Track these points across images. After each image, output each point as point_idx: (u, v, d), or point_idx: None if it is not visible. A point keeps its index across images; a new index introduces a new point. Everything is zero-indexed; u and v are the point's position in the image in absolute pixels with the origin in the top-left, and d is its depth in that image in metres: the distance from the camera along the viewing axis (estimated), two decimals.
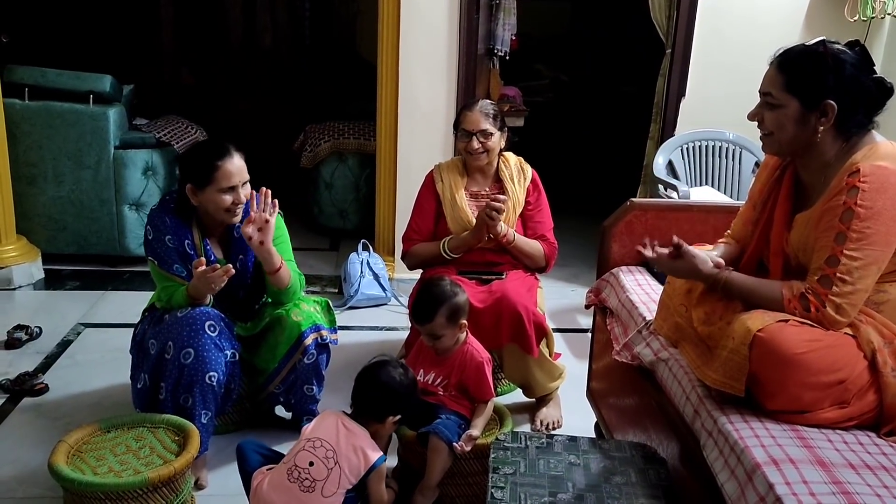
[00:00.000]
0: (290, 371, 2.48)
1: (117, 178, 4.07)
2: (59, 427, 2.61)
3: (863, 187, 1.60)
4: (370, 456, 2.00)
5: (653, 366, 2.03)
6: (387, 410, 2.08)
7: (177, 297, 2.38)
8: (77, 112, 3.98)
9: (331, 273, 4.28)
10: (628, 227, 2.50)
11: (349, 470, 1.97)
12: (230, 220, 2.40)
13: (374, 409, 2.09)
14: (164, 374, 2.29)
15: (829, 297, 1.61)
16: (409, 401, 2.13)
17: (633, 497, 1.73)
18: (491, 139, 2.79)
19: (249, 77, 6.58)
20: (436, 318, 2.27)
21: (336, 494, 1.96)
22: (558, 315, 3.80)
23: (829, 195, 1.67)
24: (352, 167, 4.80)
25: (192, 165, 2.38)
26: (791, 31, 3.90)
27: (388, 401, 2.08)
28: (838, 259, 1.61)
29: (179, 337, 2.27)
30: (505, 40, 4.36)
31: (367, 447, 2.01)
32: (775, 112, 1.72)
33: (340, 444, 2.00)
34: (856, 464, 1.48)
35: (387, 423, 2.09)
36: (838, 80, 1.65)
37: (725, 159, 3.87)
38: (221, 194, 2.34)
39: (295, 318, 2.45)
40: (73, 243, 4.16)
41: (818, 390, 1.58)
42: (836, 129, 1.69)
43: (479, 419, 2.28)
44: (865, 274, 1.61)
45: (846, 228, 1.60)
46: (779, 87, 1.70)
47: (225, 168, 2.33)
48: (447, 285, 2.34)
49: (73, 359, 3.16)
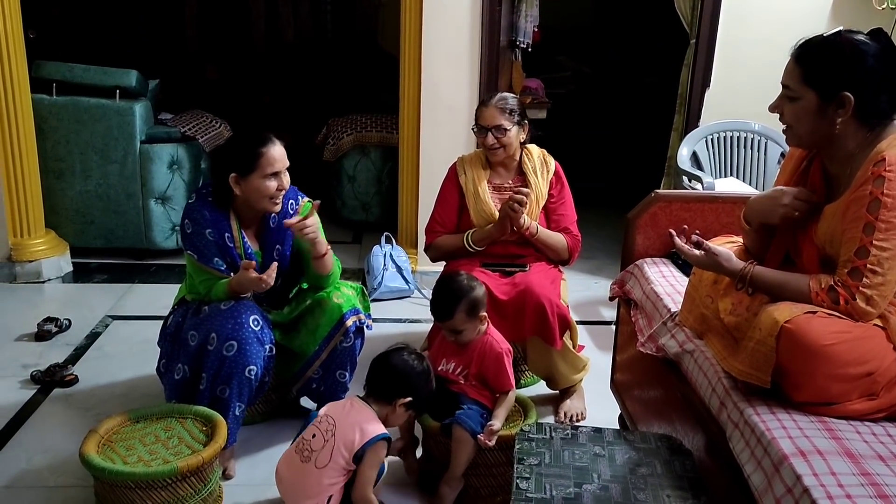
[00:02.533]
0: (329, 354, 2.50)
1: (143, 172, 4.11)
2: (88, 417, 2.65)
3: (889, 176, 1.58)
4: (367, 431, 2.02)
5: (678, 357, 2.02)
6: (395, 392, 2.10)
7: (217, 291, 2.40)
8: (104, 107, 4.02)
9: (354, 266, 4.30)
10: (653, 218, 2.49)
11: (344, 444, 2.00)
12: (272, 207, 2.42)
13: (383, 390, 2.12)
14: (206, 364, 2.32)
15: (861, 288, 1.59)
16: (419, 386, 2.14)
17: (659, 488, 1.73)
18: (506, 135, 2.79)
19: (272, 71, 6.62)
20: (456, 315, 2.28)
21: (327, 467, 1.99)
22: (582, 307, 3.79)
23: (855, 185, 1.65)
24: (374, 160, 4.81)
25: (235, 154, 2.40)
26: (817, 20, 3.84)
27: (397, 383, 2.11)
28: (868, 250, 1.59)
29: (223, 329, 2.30)
30: (527, 32, 4.34)
31: (367, 424, 2.04)
32: (794, 105, 1.71)
33: (342, 419, 2.05)
34: (885, 455, 1.46)
35: (395, 406, 2.11)
36: (857, 70, 1.63)
37: (751, 150, 3.83)
38: (266, 181, 2.35)
39: (336, 301, 2.49)
40: (101, 237, 4.22)
41: (846, 382, 1.57)
42: (857, 119, 1.67)
43: (500, 410, 2.29)
44: (895, 265, 1.59)
45: (874, 219, 1.59)
46: (797, 80, 1.69)
47: (269, 154, 2.35)
48: (464, 280, 2.35)
49: (101, 350, 3.21)
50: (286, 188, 2.41)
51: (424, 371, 2.17)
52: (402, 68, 3.99)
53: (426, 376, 2.18)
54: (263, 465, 2.42)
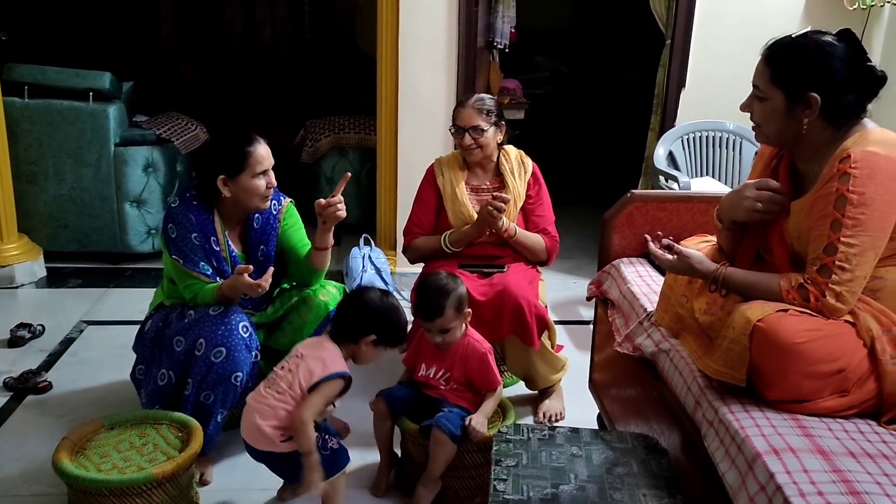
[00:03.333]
0: None
1: (118, 175, 4.07)
2: (62, 424, 2.62)
3: (854, 173, 1.60)
4: (328, 367, 2.03)
5: (654, 357, 2.03)
6: (360, 330, 2.10)
7: (203, 295, 2.36)
8: (77, 110, 3.98)
9: (333, 268, 4.26)
10: (629, 218, 2.50)
11: (304, 375, 2.02)
12: (263, 205, 2.41)
13: (347, 329, 2.12)
14: (192, 370, 2.29)
15: (830, 285, 1.61)
16: (383, 323, 2.12)
17: (635, 488, 1.74)
18: (483, 135, 2.79)
19: (250, 72, 6.58)
20: (446, 312, 2.26)
21: (286, 394, 2.01)
22: (560, 307, 3.80)
23: (821, 182, 1.67)
24: (353, 161, 4.79)
25: (221, 156, 2.38)
26: (790, 20, 3.88)
27: (360, 321, 2.11)
28: (836, 247, 1.61)
29: (213, 335, 2.27)
30: (504, 33, 4.35)
31: (331, 361, 2.05)
32: (763, 104, 1.74)
33: (309, 354, 2.07)
34: (856, 452, 1.48)
35: (361, 344, 2.10)
36: (823, 71, 1.65)
37: (726, 150, 3.86)
38: (255, 179, 2.35)
39: (322, 298, 2.51)
40: (75, 241, 4.17)
41: (818, 379, 1.58)
42: (824, 119, 1.69)
43: (488, 403, 2.29)
44: (863, 261, 1.61)
45: (841, 216, 1.60)
46: (765, 80, 1.72)
47: (256, 153, 2.34)
48: (445, 278, 2.34)
49: (76, 356, 3.17)
50: (274, 185, 2.41)
51: (388, 307, 2.15)
52: (380, 69, 3.98)
53: (390, 312, 2.15)
54: (241, 471, 2.41)
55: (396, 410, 2.34)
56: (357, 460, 2.52)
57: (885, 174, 1.60)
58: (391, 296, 2.21)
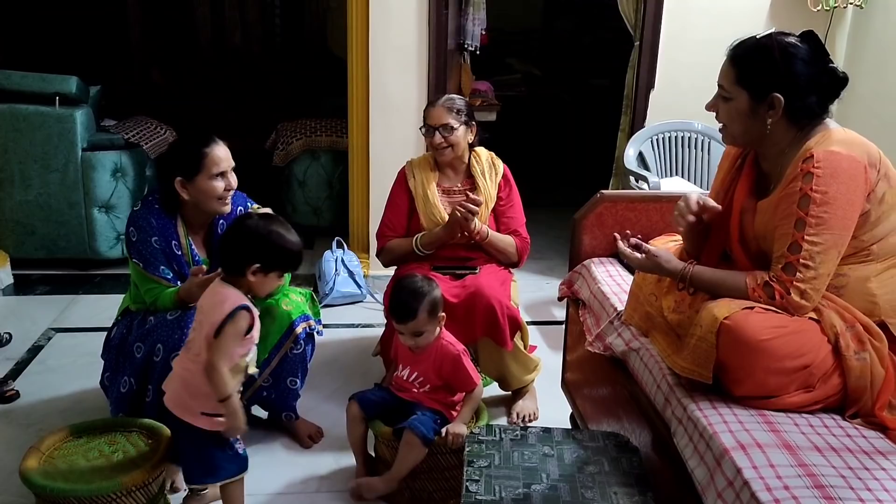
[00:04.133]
0: (279, 361, 2.47)
1: (86, 180, 4.02)
2: (30, 433, 2.58)
3: (817, 173, 1.62)
4: (226, 307, 1.95)
5: (624, 356, 2.05)
6: (243, 260, 1.99)
7: (163, 300, 2.36)
8: (43, 114, 3.92)
9: (305, 271, 4.26)
10: (599, 218, 2.52)
11: (210, 325, 1.96)
12: (222, 208, 2.38)
13: (232, 262, 2.03)
14: (152, 376, 2.27)
15: (794, 283, 1.64)
16: (265, 247, 2.01)
17: (606, 486, 1.75)
18: (454, 133, 2.79)
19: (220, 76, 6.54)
20: (419, 315, 2.25)
21: (200, 353, 1.96)
22: (534, 308, 3.82)
23: (785, 182, 1.70)
24: (325, 164, 4.77)
25: (178, 158, 2.36)
26: (756, 21, 3.93)
27: (242, 250, 2.01)
28: (800, 245, 1.63)
29: (170, 339, 2.25)
30: (475, 35, 4.36)
31: (227, 300, 1.97)
32: (728, 104, 1.76)
33: (206, 303, 2.01)
34: (821, 446, 1.50)
35: (248, 275, 1.99)
36: (786, 73, 1.68)
37: (695, 150, 3.90)
38: (212, 181, 2.32)
39: (285, 308, 2.47)
40: (43, 248, 4.11)
41: (784, 375, 1.61)
42: (787, 119, 1.72)
43: (465, 409, 2.30)
44: (827, 258, 1.64)
45: (805, 214, 1.63)
46: (730, 81, 1.75)
47: (213, 154, 2.32)
48: (420, 281, 2.34)
49: (44, 364, 3.12)
50: (234, 187, 2.38)
51: (266, 230, 2.02)
52: (350, 72, 3.97)
53: (269, 235, 2.02)
54: None
55: (370, 413, 2.34)
56: (331, 464, 2.51)
57: (846, 173, 1.62)
58: (275, 219, 2.09)
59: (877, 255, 1.71)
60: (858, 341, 1.63)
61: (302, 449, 2.59)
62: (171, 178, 2.33)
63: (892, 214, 1.70)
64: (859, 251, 1.70)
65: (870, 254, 1.70)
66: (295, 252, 2.07)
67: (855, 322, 1.65)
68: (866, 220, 1.67)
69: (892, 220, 1.70)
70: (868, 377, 1.61)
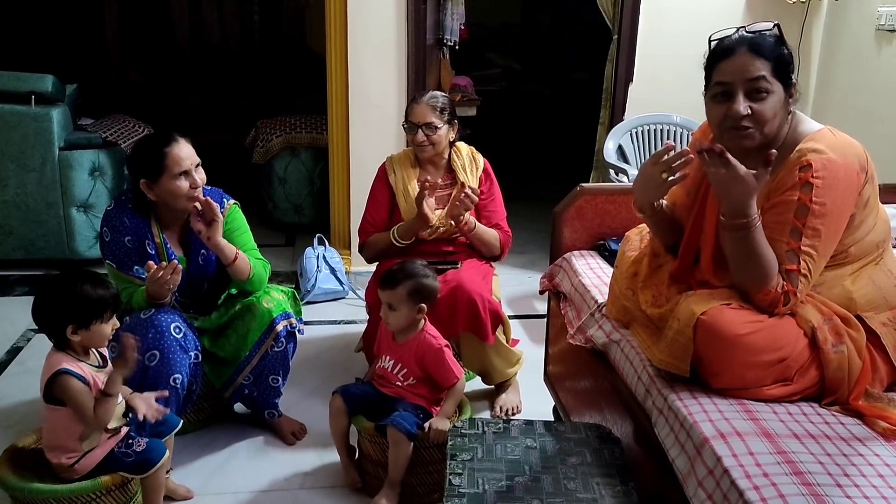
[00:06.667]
0: (260, 359, 2.46)
1: (63, 179, 3.98)
2: (10, 435, 2.54)
3: (817, 184, 1.61)
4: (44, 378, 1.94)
5: (605, 347, 2.06)
6: (58, 328, 1.95)
7: (137, 299, 2.34)
8: (19, 114, 3.88)
9: (287, 269, 4.25)
10: (578, 212, 2.53)
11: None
12: (191, 206, 2.35)
13: (51, 334, 1.98)
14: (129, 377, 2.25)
15: (796, 293, 1.64)
16: (64, 308, 1.92)
17: (589, 477, 1.76)
18: (436, 132, 2.79)
19: (198, 73, 6.49)
20: (398, 288, 2.26)
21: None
22: (516, 301, 3.83)
23: (779, 188, 1.67)
24: (305, 161, 4.76)
25: (140, 159, 2.34)
26: (732, 14, 3.96)
27: (50, 321, 1.96)
28: (797, 255, 1.63)
29: (145, 339, 2.23)
30: (454, 30, 4.36)
31: (47, 370, 1.95)
32: (770, 99, 1.64)
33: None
34: (799, 434, 1.52)
35: (70, 337, 1.94)
36: (791, 59, 1.70)
37: (673, 142, 3.92)
38: (176, 181, 2.30)
39: (266, 305, 2.45)
40: (21, 248, 4.06)
41: (761, 369, 1.62)
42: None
43: (447, 404, 2.30)
44: (818, 266, 1.66)
45: (801, 225, 1.62)
46: (769, 73, 1.65)
47: (173, 153, 2.29)
48: (423, 268, 2.35)
49: (23, 365, 3.09)
50: (200, 185, 2.35)
51: (54, 293, 1.94)
52: (329, 68, 3.96)
53: (59, 296, 1.93)
54: (196, 475, 2.38)
55: (353, 408, 2.33)
56: (315, 460, 2.51)
57: (843, 183, 1.63)
58: (59, 277, 1.99)
59: (854, 257, 1.72)
60: (836, 334, 1.65)
61: (285, 446, 2.58)
62: (137, 179, 2.32)
63: (870, 216, 1.72)
64: (838, 253, 1.70)
65: (847, 255, 1.71)
66: (95, 296, 1.95)
67: (832, 315, 1.66)
68: (851, 223, 1.68)
69: (870, 221, 1.72)
70: (846, 369, 1.62)
